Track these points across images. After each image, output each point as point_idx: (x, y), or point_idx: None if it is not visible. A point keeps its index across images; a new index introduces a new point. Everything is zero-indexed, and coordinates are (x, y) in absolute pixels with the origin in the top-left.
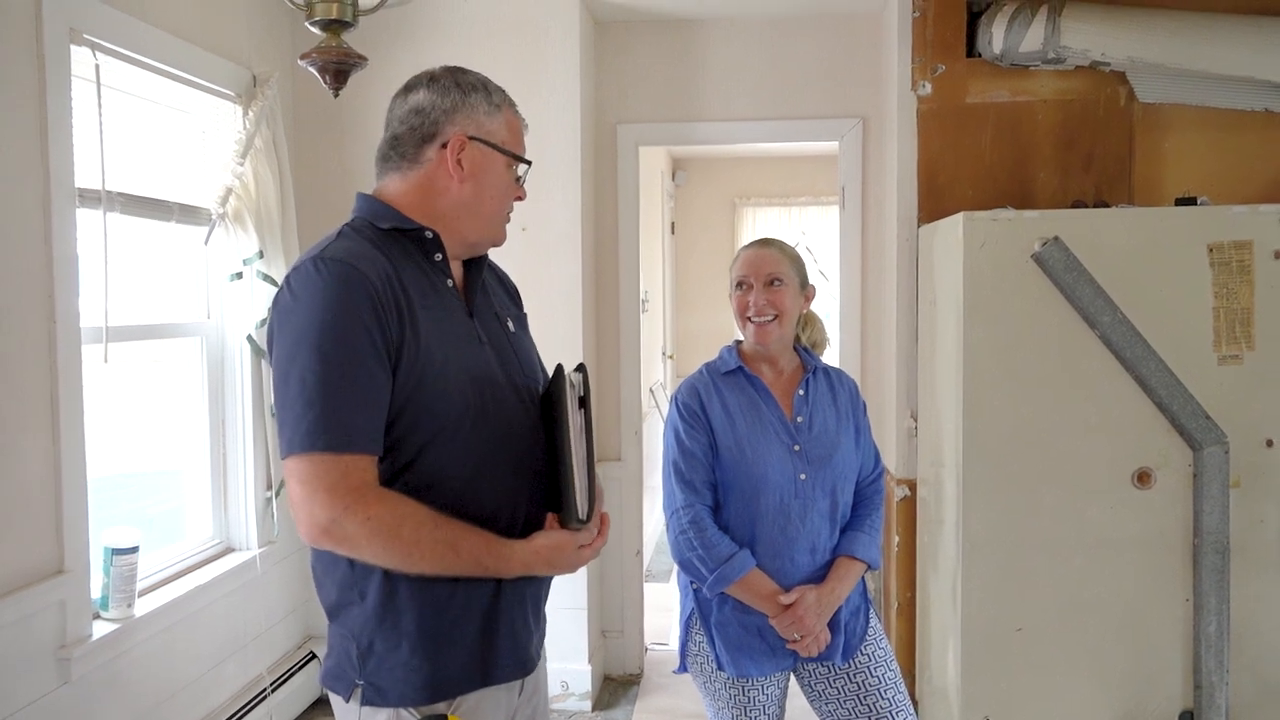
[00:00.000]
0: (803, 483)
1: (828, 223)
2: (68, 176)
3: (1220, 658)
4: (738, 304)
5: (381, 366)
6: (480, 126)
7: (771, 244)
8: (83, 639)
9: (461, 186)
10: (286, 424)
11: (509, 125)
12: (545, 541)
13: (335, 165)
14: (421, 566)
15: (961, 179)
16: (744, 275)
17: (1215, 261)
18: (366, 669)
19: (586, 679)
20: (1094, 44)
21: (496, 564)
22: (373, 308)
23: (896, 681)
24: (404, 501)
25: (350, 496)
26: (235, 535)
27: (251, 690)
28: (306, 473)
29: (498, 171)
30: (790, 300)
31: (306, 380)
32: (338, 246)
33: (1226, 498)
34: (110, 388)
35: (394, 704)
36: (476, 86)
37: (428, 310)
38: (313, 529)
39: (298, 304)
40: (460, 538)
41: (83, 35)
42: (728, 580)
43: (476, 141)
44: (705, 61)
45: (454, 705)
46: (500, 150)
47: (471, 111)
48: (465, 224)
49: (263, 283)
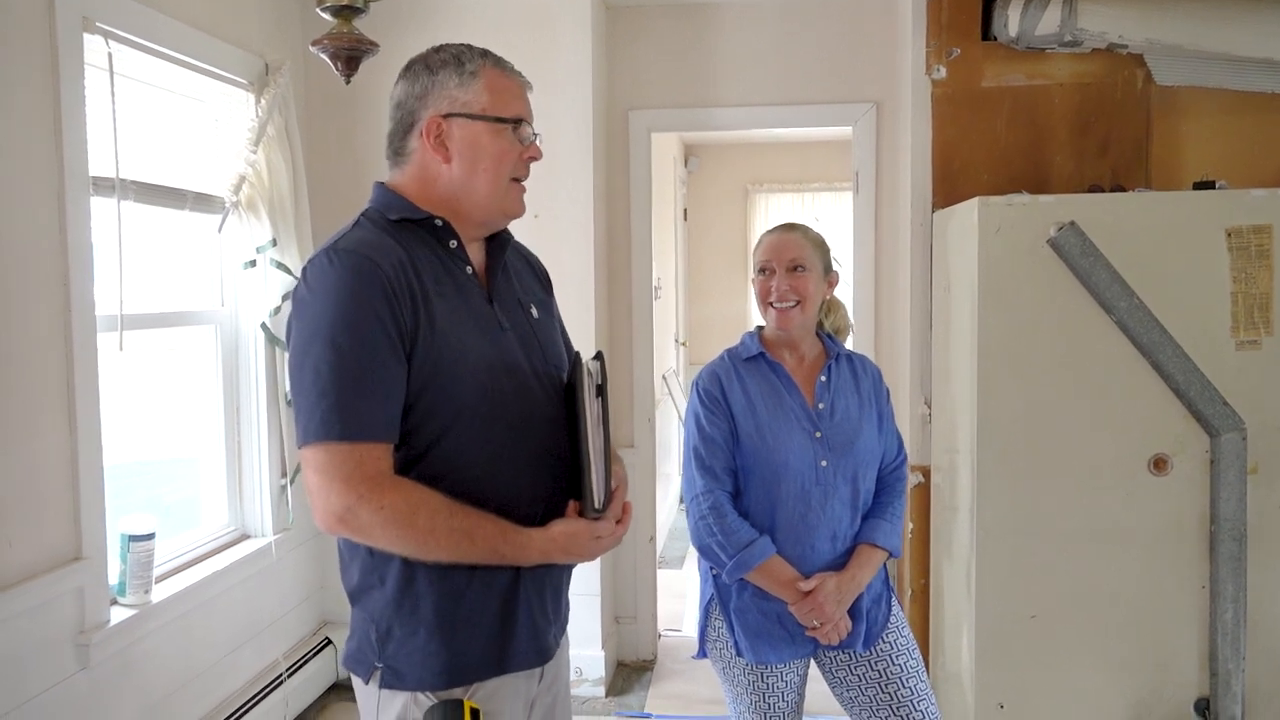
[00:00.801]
0: (824, 469)
1: (841, 208)
2: (82, 165)
3: (1237, 645)
4: (760, 289)
5: (396, 355)
6: (454, 100)
7: (795, 228)
8: (100, 625)
9: (451, 168)
10: (302, 413)
11: (490, 88)
12: (563, 529)
13: (348, 152)
14: (437, 555)
15: (976, 164)
16: (766, 260)
17: (1233, 246)
18: (386, 652)
19: (600, 664)
20: (1111, 26)
21: (513, 552)
22: (386, 297)
23: (919, 670)
24: (419, 490)
25: (365, 485)
26: (250, 522)
27: (267, 676)
28: (322, 462)
29: (485, 141)
30: (813, 286)
31: (321, 370)
32: (351, 237)
33: (1244, 484)
34: (126, 376)
35: (412, 688)
36: (446, 62)
37: (444, 298)
38: (328, 517)
39: (312, 296)
40: (476, 526)
41: (95, 24)
42: (747, 566)
43: (453, 118)
44: (717, 47)
45: (470, 691)
46: (479, 118)
47: (442, 89)
48: (466, 204)
49: (276, 270)
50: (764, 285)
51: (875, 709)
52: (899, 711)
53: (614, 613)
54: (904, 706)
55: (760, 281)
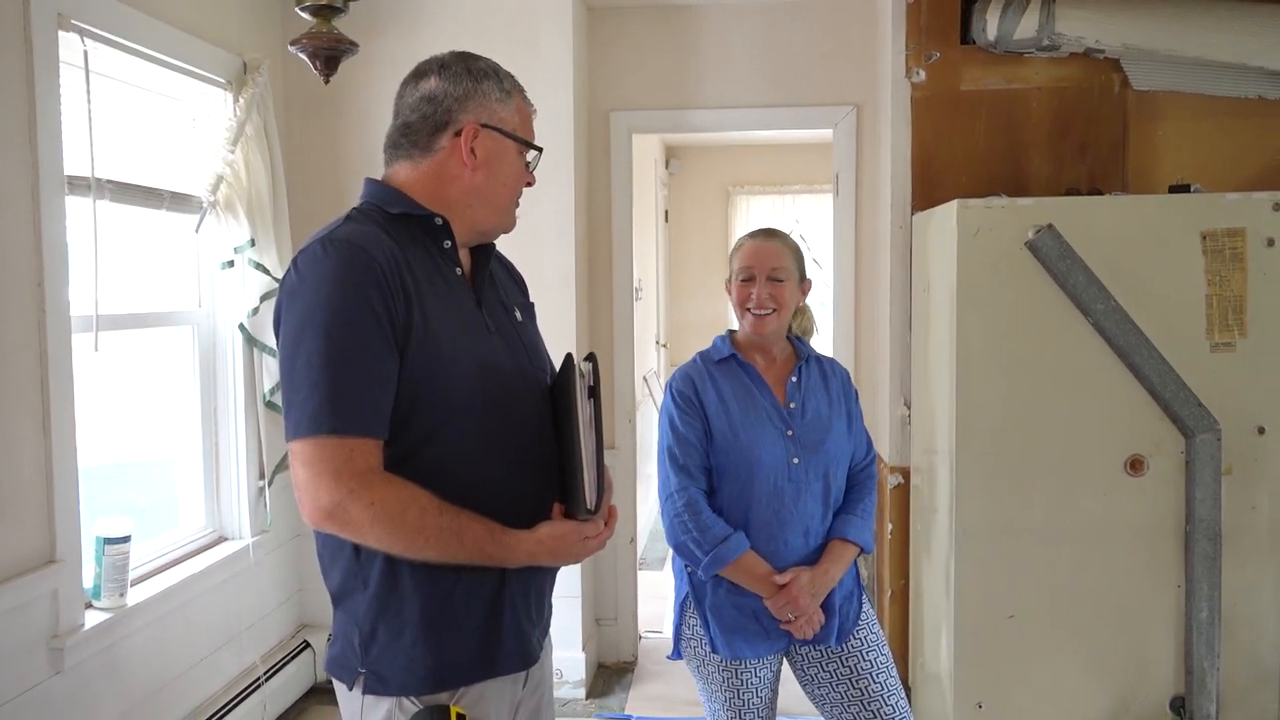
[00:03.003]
0: (795, 466)
1: (821, 211)
2: (56, 164)
3: (1211, 644)
4: (738, 294)
5: (388, 349)
6: (493, 114)
7: (775, 235)
8: (75, 628)
9: (474, 174)
10: (293, 407)
11: (519, 112)
12: (550, 531)
13: (327, 152)
14: (425, 553)
15: (955, 166)
16: (748, 266)
17: (1208, 249)
18: (369, 656)
19: (581, 666)
20: (1088, 31)
21: (500, 553)
22: (379, 290)
23: (888, 665)
24: (409, 487)
25: (355, 480)
26: (228, 524)
27: (245, 679)
28: (311, 456)
29: (510, 159)
30: (790, 294)
31: (312, 362)
32: (345, 229)
33: (1219, 485)
34: (101, 377)
35: (396, 693)
36: (488, 73)
37: (436, 296)
38: (316, 512)
39: (304, 285)
40: (465, 526)
41: (71, 21)
42: (722, 562)
43: (489, 129)
44: (699, 49)
45: (456, 696)
46: (513, 138)
47: (484, 99)
48: (477, 211)
49: (254, 271)
50: (744, 291)
51: (846, 704)
52: (869, 706)
53: (595, 614)
54: (874, 701)
55: (740, 287)
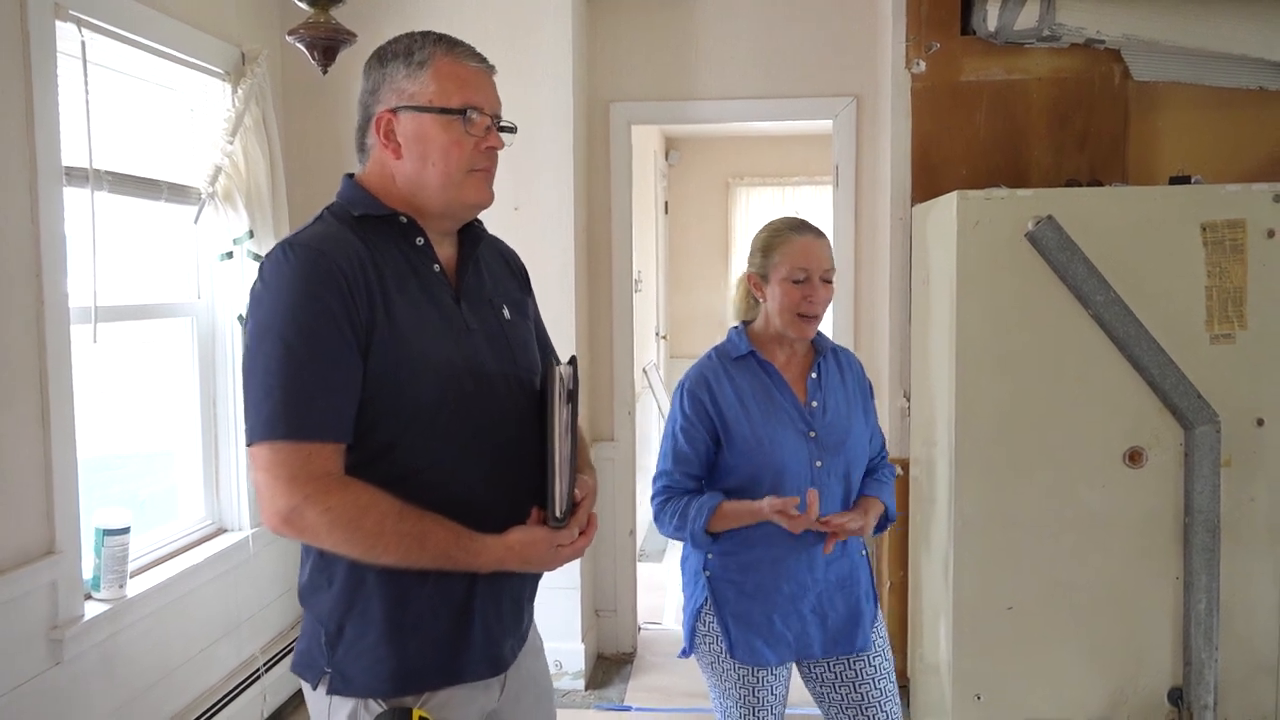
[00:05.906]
0: (818, 470)
1: (821, 202)
2: (54, 155)
3: (1209, 635)
4: (789, 296)
5: (349, 353)
6: (402, 93)
7: (822, 234)
8: (74, 620)
9: (403, 163)
10: (250, 411)
11: (439, 76)
12: (520, 537)
13: (325, 143)
14: (385, 559)
15: (955, 158)
16: (804, 268)
17: (1208, 240)
18: (335, 656)
19: (580, 658)
20: (1089, 21)
21: (466, 558)
22: (340, 293)
23: (890, 671)
24: (368, 491)
25: (311, 485)
26: (227, 516)
27: (245, 670)
28: (268, 460)
29: (432, 133)
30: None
31: (270, 368)
32: (311, 232)
33: (1217, 477)
34: (100, 368)
35: (360, 694)
36: (397, 53)
37: (405, 296)
38: (273, 518)
39: (266, 290)
40: (427, 531)
41: (68, 11)
42: (704, 515)
43: (401, 111)
44: (699, 40)
45: (422, 700)
46: (426, 110)
47: (391, 82)
48: (421, 198)
49: (253, 262)
50: (796, 294)
51: (844, 706)
52: (866, 711)
53: (594, 606)
54: (871, 707)
55: (791, 289)
